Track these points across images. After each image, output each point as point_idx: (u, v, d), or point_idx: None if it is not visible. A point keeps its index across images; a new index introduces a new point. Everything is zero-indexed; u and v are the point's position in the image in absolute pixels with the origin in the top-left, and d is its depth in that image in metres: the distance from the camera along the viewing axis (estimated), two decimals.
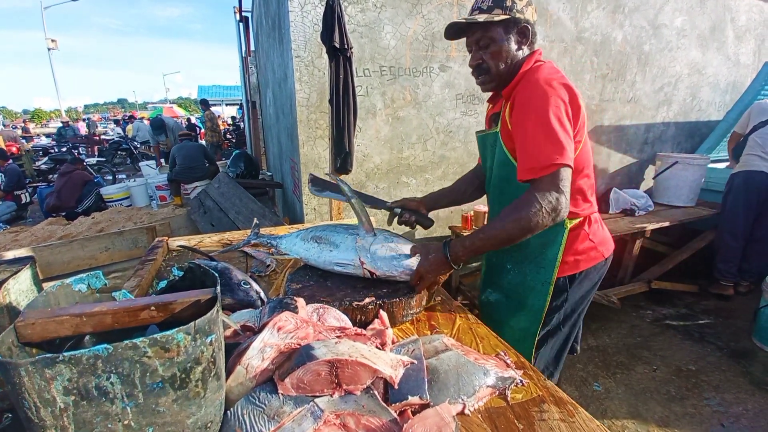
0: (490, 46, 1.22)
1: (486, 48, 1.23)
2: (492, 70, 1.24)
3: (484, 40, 1.22)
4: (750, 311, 3.10)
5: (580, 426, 0.79)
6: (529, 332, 1.38)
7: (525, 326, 1.38)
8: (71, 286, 0.81)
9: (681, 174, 3.51)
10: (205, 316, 0.62)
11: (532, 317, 1.36)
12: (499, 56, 1.22)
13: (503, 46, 1.21)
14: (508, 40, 1.21)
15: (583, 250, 1.31)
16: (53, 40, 20.15)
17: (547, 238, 1.27)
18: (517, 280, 1.37)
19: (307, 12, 2.42)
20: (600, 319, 3.23)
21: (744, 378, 2.53)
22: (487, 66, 1.24)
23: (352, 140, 2.01)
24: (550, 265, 1.29)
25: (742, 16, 3.93)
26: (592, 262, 1.34)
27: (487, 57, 1.23)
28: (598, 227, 1.36)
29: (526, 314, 1.37)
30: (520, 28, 1.21)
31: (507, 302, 1.41)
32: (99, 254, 3.15)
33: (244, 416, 0.70)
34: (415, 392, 0.79)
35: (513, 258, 1.38)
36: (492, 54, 1.22)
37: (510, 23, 1.19)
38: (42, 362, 0.52)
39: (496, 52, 1.22)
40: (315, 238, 1.34)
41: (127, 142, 12.47)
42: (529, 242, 1.24)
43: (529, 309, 1.36)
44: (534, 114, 1.10)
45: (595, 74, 3.37)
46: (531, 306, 1.35)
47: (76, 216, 5.45)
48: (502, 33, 1.20)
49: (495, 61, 1.23)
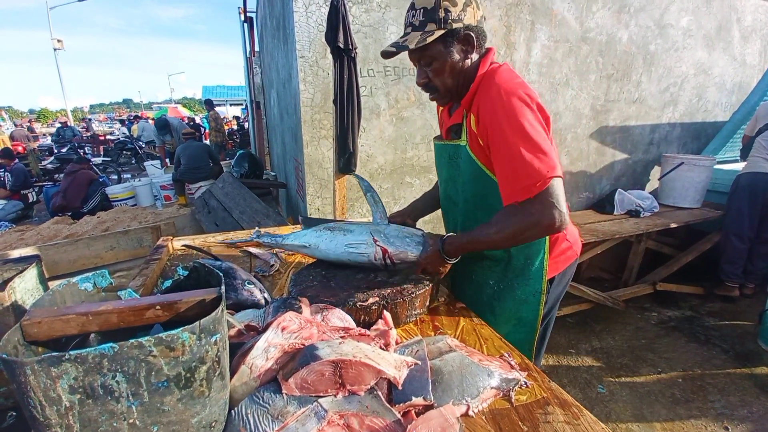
0: (433, 64, 1.14)
1: (429, 66, 1.15)
2: (440, 88, 1.18)
3: (424, 59, 1.15)
4: (755, 314, 3.08)
5: (585, 428, 0.79)
6: (525, 344, 1.34)
7: (521, 338, 1.33)
8: (77, 284, 0.82)
9: (687, 175, 3.49)
10: (210, 316, 0.62)
11: (528, 328, 1.34)
12: (444, 72, 1.14)
13: (447, 62, 1.12)
14: (450, 54, 1.12)
15: (562, 251, 1.30)
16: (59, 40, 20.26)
17: (531, 250, 1.24)
18: (504, 295, 1.32)
19: (312, 12, 2.42)
20: (604, 320, 3.22)
21: (749, 380, 2.51)
22: (434, 85, 1.18)
23: (356, 140, 2.01)
24: (538, 275, 1.26)
25: (748, 17, 3.91)
26: (569, 261, 1.34)
27: (432, 75, 1.16)
28: (571, 226, 1.32)
29: (521, 327, 1.34)
30: (461, 38, 1.11)
31: (495, 320, 1.31)
32: (104, 253, 3.17)
33: (248, 416, 0.70)
34: (419, 393, 0.79)
35: (495, 274, 1.32)
36: (435, 71, 1.15)
37: (448, 36, 1.09)
38: (48, 361, 0.52)
39: (439, 70, 1.14)
40: (329, 227, 1.39)
41: (132, 141, 12.54)
42: (512, 257, 1.26)
43: (523, 322, 1.33)
44: (509, 129, 1.02)
45: (600, 74, 3.36)
46: (525, 318, 1.32)
47: (81, 215, 5.48)
48: (442, 48, 1.11)
49: (440, 78, 1.15)
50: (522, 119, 1.01)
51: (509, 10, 2.83)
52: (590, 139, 3.54)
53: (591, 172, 3.66)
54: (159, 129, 10.83)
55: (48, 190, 6.78)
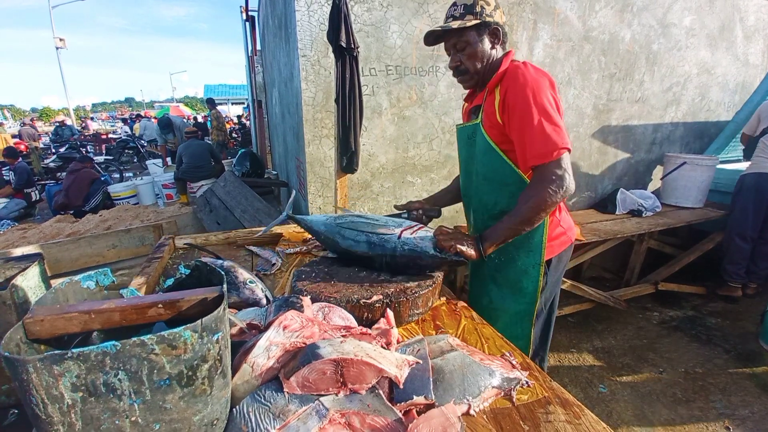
0: (466, 49, 1.35)
1: (462, 51, 1.36)
2: (470, 70, 1.38)
3: (460, 44, 1.36)
4: (757, 314, 3.07)
5: (586, 428, 0.79)
6: (526, 314, 1.48)
7: (522, 309, 1.48)
8: (80, 283, 0.82)
9: (689, 175, 3.48)
10: (212, 314, 0.62)
11: (528, 299, 1.46)
12: (475, 57, 1.35)
13: (478, 48, 1.34)
14: (482, 41, 1.34)
15: (557, 235, 1.43)
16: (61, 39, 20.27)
17: None
18: (506, 265, 1.46)
19: (314, 11, 2.42)
20: (606, 320, 3.22)
21: (751, 381, 2.50)
22: (465, 67, 1.38)
23: (357, 139, 2.00)
24: (538, 248, 1.39)
25: (751, 16, 3.89)
26: (564, 246, 1.47)
27: (464, 59, 1.37)
28: (565, 214, 1.49)
29: (522, 297, 1.46)
30: (491, 30, 1.34)
31: (498, 291, 1.50)
32: (106, 251, 3.18)
33: (249, 414, 0.71)
34: (420, 392, 0.79)
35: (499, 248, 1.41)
36: (468, 56, 1.36)
37: (482, 26, 1.32)
38: (50, 359, 0.52)
39: (472, 54, 1.35)
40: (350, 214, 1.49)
41: (135, 140, 12.55)
42: None
43: (524, 292, 1.45)
44: (534, 104, 1.21)
45: (602, 74, 3.35)
46: (525, 289, 1.45)
47: (83, 214, 5.50)
48: (476, 36, 1.33)
49: (472, 61, 1.36)
50: (545, 98, 1.21)
51: (512, 8, 2.82)
52: (592, 139, 3.53)
53: (593, 171, 3.65)
54: (162, 128, 10.84)
55: (50, 188, 6.79)
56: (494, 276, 1.50)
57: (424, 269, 1.29)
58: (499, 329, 1.35)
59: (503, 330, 1.35)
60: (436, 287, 1.28)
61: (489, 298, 1.53)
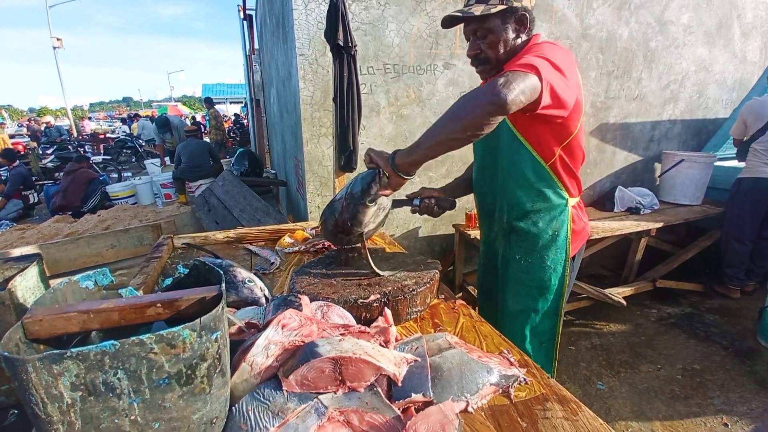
0: (488, 37, 1.22)
1: (484, 38, 1.23)
2: (491, 59, 1.25)
3: (481, 30, 1.22)
4: (755, 310, 3.08)
5: (584, 424, 0.79)
6: (552, 310, 1.45)
7: (549, 306, 1.43)
8: (78, 283, 0.82)
9: (687, 172, 3.49)
10: (211, 313, 0.62)
11: (556, 295, 1.42)
12: (497, 46, 1.22)
13: (501, 36, 1.21)
14: (506, 29, 1.21)
15: (579, 230, 1.40)
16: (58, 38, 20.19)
17: (556, 220, 1.34)
18: (534, 267, 1.40)
19: (311, 10, 2.42)
20: (604, 317, 3.22)
21: (749, 377, 2.52)
22: (486, 56, 1.25)
23: (356, 138, 2.00)
24: (563, 245, 1.36)
25: (748, 13, 3.89)
26: (584, 240, 1.45)
27: (485, 47, 1.24)
28: (583, 208, 1.46)
29: (549, 294, 1.42)
30: (518, 17, 1.20)
31: (526, 291, 1.43)
32: (105, 251, 3.18)
33: (248, 412, 0.71)
34: (419, 390, 0.80)
35: (522, 248, 1.41)
36: (489, 44, 1.23)
37: (507, 13, 1.19)
38: (49, 358, 0.53)
39: (493, 42, 1.22)
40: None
41: (133, 140, 12.53)
42: (540, 231, 1.35)
43: (551, 289, 1.41)
44: (535, 54, 1.09)
45: (600, 71, 3.35)
46: (553, 285, 1.41)
47: (82, 214, 5.49)
48: (500, 23, 1.20)
49: (493, 51, 1.23)
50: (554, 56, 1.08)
51: None
52: (590, 136, 3.53)
53: (591, 169, 3.66)
54: (159, 127, 10.82)
55: (48, 189, 6.77)
56: (522, 279, 1.44)
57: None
58: (527, 327, 1.46)
59: (532, 326, 1.46)
60: (434, 285, 1.28)
61: (516, 298, 1.47)
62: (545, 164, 1.27)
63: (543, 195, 1.31)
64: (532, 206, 1.34)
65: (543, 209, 1.34)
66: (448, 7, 2.72)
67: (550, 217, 1.34)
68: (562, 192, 1.32)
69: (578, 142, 1.27)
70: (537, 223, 1.36)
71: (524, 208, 1.36)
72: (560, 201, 1.33)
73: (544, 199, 1.32)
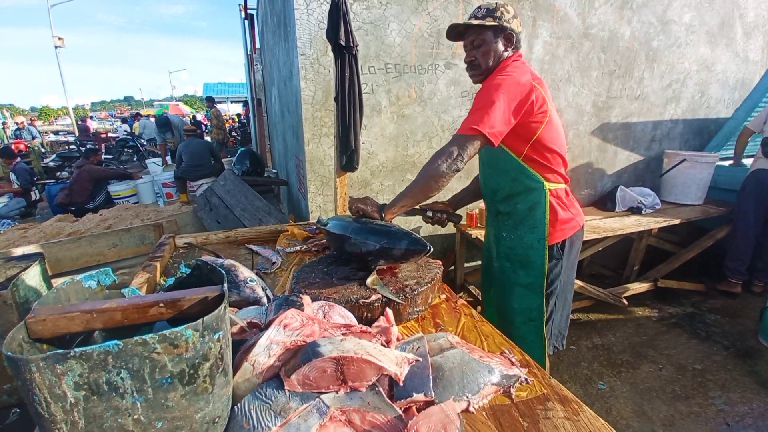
0: (482, 47, 1.47)
1: (478, 48, 1.48)
2: (482, 66, 1.49)
3: (477, 41, 1.48)
4: (757, 310, 3.08)
5: (585, 424, 0.79)
6: (537, 286, 1.59)
7: (531, 281, 1.60)
8: (81, 282, 0.82)
9: (689, 172, 3.48)
10: (213, 313, 0.62)
11: (537, 272, 1.58)
12: (488, 55, 1.47)
13: (492, 47, 1.46)
14: (497, 42, 1.47)
15: (566, 219, 1.56)
16: (60, 37, 20.18)
17: (532, 201, 1.53)
18: (516, 243, 1.61)
19: (313, 9, 2.42)
20: (605, 317, 3.22)
21: (750, 377, 2.51)
22: (478, 63, 1.50)
23: (357, 138, 2.00)
24: (541, 224, 1.53)
25: (750, 13, 3.88)
26: (574, 230, 1.59)
27: (479, 55, 1.48)
28: (572, 200, 1.62)
29: (531, 270, 1.60)
30: (506, 35, 1.47)
31: (511, 266, 1.65)
32: (107, 251, 3.18)
33: (251, 412, 0.71)
34: (420, 389, 0.80)
35: (506, 226, 1.64)
36: (482, 53, 1.48)
37: (498, 29, 1.45)
38: (53, 358, 0.53)
39: (486, 52, 1.47)
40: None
41: (134, 139, 12.54)
42: (517, 208, 1.57)
43: (532, 265, 1.59)
44: (487, 88, 1.36)
45: (602, 71, 3.35)
46: (534, 262, 1.58)
47: (84, 213, 5.50)
48: (492, 36, 1.46)
49: (485, 58, 1.48)
50: (500, 88, 1.33)
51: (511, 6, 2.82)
52: (592, 136, 3.53)
53: (592, 169, 3.65)
54: (160, 127, 10.82)
55: (50, 188, 6.77)
56: (508, 254, 1.65)
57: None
58: (514, 300, 1.66)
59: (518, 300, 1.65)
60: (435, 285, 1.28)
61: (504, 272, 1.69)
62: (517, 157, 1.49)
63: (518, 180, 1.53)
64: (510, 190, 1.57)
65: (521, 192, 1.54)
66: (449, 6, 2.72)
67: (527, 198, 1.54)
68: (537, 177, 1.51)
69: (547, 137, 1.46)
70: (516, 204, 1.57)
71: (502, 193, 1.60)
72: (536, 185, 1.51)
73: (520, 184, 1.53)
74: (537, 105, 1.39)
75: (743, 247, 3.25)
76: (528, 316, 1.65)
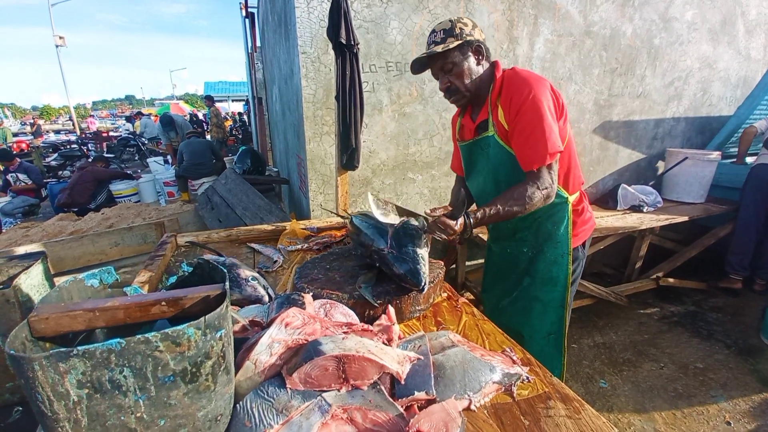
0: (453, 69, 1.40)
1: (450, 71, 1.41)
2: (461, 88, 1.42)
3: (446, 65, 1.40)
4: (758, 309, 3.07)
5: (587, 423, 0.80)
6: (559, 301, 1.58)
7: (555, 296, 1.58)
8: (83, 281, 0.82)
9: (691, 170, 3.47)
10: (215, 312, 0.63)
11: (560, 287, 1.56)
12: (463, 75, 1.40)
13: (464, 66, 1.39)
14: (467, 59, 1.39)
15: (585, 220, 1.56)
16: (61, 36, 20.19)
17: (557, 217, 1.49)
18: (538, 258, 1.57)
19: (313, 8, 2.41)
20: (607, 315, 3.22)
21: (751, 376, 2.51)
22: (455, 87, 1.42)
23: (358, 136, 2.00)
24: (564, 239, 1.50)
25: (752, 10, 3.86)
26: (590, 231, 1.60)
27: (453, 78, 1.41)
28: (585, 199, 1.61)
29: (554, 286, 1.57)
30: (474, 48, 1.39)
31: (533, 281, 1.60)
32: (109, 249, 3.19)
33: (253, 410, 0.71)
34: (422, 388, 0.80)
35: (528, 243, 1.58)
36: (456, 75, 1.40)
37: (464, 46, 1.38)
38: (56, 356, 0.53)
39: (459, 73, 1.40)
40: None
41: (136, 138, 12.55)
42: (541, 225, 1.52)
43: (555, 281, 1.56)
44: (530, 110, 1.29)
45: (604, 69, 3.34)
46: (557, 277, 1.55)
47: (86, 212, 5.51)
48: (460, 55, 1.38)
49: (461, 80, 1.40)
50: (541, 102, 1.28)
51: (512, 4, 2.81)
52: (593, 134, 3.52)
53: (594, 167, 3.65)
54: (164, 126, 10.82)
55: (52, 186, 6.79)
56: (528, 269, 1.61)
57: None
58: (534, 317, 1.63)
59: (538, 317, 1.62)
60: (437, 283, 1.28)
61: (523, 289, 1.64)
62: None
63: None
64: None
65: (545, 209, 1.45)
66: (451, 5, 2.72)
67: (550, 213, 1.49)
68: (561, 192, 1.46)
69: (567, 149, 1.42)
70: (539, 221, 1.51)
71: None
72: (559, 199, 1.46)
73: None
74: (558, 103, 1.36)
75: (745, 240, 3.24)
76: (548, 330, 1.64)
